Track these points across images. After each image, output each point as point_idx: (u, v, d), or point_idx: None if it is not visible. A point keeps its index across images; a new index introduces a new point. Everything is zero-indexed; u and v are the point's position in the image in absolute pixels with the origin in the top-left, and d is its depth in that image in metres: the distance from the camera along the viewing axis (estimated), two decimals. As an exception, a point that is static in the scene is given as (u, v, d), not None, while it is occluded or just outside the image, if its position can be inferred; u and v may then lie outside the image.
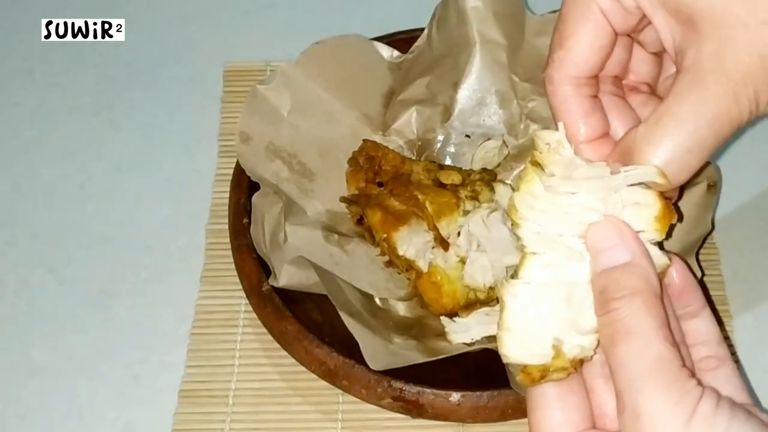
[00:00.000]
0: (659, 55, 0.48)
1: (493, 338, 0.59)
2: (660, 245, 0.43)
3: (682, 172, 0.42)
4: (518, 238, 0.42)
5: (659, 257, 0.42)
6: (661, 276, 0.42)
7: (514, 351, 0.41)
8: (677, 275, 0.44)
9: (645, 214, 0.42)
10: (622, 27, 0.44)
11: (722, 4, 0.40)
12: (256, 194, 0.63)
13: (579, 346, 0.41)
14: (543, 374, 0.41)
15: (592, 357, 0.42)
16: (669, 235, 0.43)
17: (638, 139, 0.42)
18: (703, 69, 0.40)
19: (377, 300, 0.63)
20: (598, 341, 0.41)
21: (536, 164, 0.43)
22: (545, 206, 0.42)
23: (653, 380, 0.37)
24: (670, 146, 0.41)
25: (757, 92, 0.40)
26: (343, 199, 0.65)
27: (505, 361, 0.41)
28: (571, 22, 0.44)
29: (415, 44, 0.67)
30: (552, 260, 0.42)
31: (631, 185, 0.42)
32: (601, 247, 0.41)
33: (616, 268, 0.40)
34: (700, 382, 0.38)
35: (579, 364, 0.41)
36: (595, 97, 0.46)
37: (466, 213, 0.61)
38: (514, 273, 0.42)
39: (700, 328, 0.44)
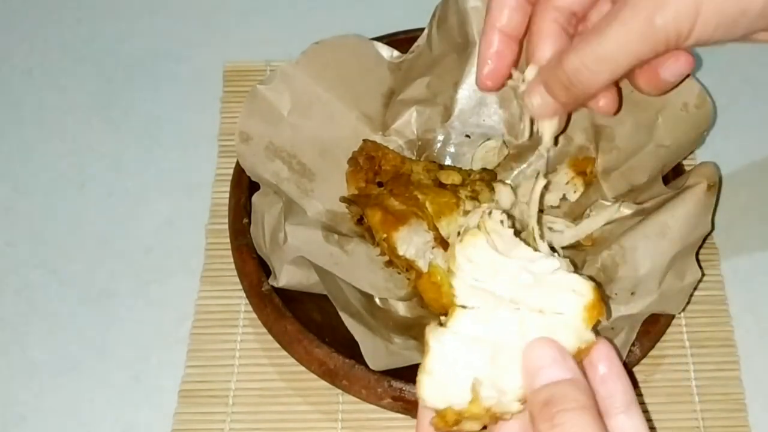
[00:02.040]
0: None
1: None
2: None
3: (594, 78, 0.48)
4: (451, 287, 0.43)
5: (585, 333, 0.42)
6: (585, 354, 0.43)
7: (431, 395, 0.41)
8: (602, 361, 0.43)
9: (575, 301, 0.43)
10: None
11: None
12: (256, 194, 0.63)
13: (495, 397, 0.41)
14: (457, 420, 0.41)
15: (509, 417, 0.42)
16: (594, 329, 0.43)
17: (568, 49, 0.49)
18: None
19: (377, 300, 0.63)
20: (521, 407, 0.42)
21: (483, 230, 0.45)
22: (483, 261, 0.43)
23: None
24: (588, 53, 0.48)
25: (679, 24, 0.45)
26: (343, 199, 0.65)
27: (421, 404, 0.42)
28: None
29: (415, 44, 0.67)
30: (481, 317, 0.42)
31: (570, 273, 0.43)
32: (542, 364, 0.41)
33: (560, 383, 0.40)
34: None
35: (494, 419, 0.42)
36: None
37: (466, 213, 0.61)
38: (443, 321, 0.43)
39: (626, 426, 0.42)
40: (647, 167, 0.64)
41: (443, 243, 0.61)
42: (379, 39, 0.68)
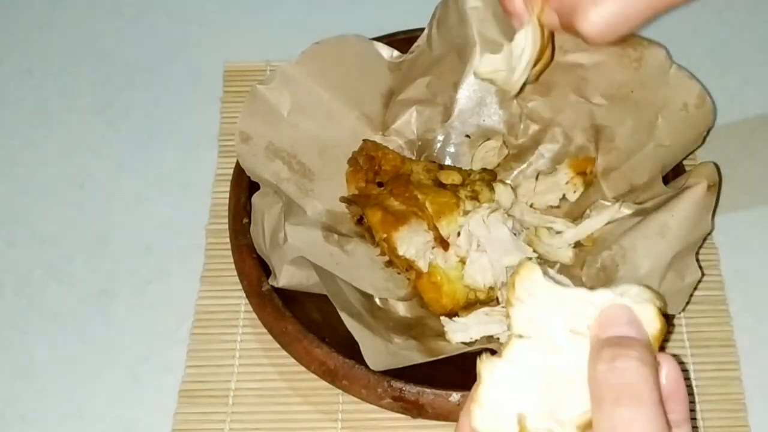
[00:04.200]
0: None
1: (492, 338, 0.60)
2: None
3: (613, 34, 0.53)
4: (508, 317, 0.42)
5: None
6: None
7: (483, 425, 0.41)
8: (668, 377, 0.41)
9: None
10: None
11: None
12: (256, 194, 0.63)
13: (549, 430, 0.40)
14: None
15: None
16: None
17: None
18: None
19: (377, 300, 0.63)
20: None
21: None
22: (543, 294, 0.42)
23: None
24: (610, 10, 0.52)
25: None
26: (343, 199, 0.65)
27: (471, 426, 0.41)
28: None
29: (415, 44, 0.67)
30: (537, 347, 0.42)
31: (635, 302, 0.42)
32: (617, 322, 0.40)
33: (631, 338, 0.39)
34: None
35: None
36: None
37: (466, 213, 0.61)
38: (497, 351, 0.42)
39: None
40: (647, 167, 0.64)
41: (443, 243, 0.61)
42: (379, 39, 0.68)
